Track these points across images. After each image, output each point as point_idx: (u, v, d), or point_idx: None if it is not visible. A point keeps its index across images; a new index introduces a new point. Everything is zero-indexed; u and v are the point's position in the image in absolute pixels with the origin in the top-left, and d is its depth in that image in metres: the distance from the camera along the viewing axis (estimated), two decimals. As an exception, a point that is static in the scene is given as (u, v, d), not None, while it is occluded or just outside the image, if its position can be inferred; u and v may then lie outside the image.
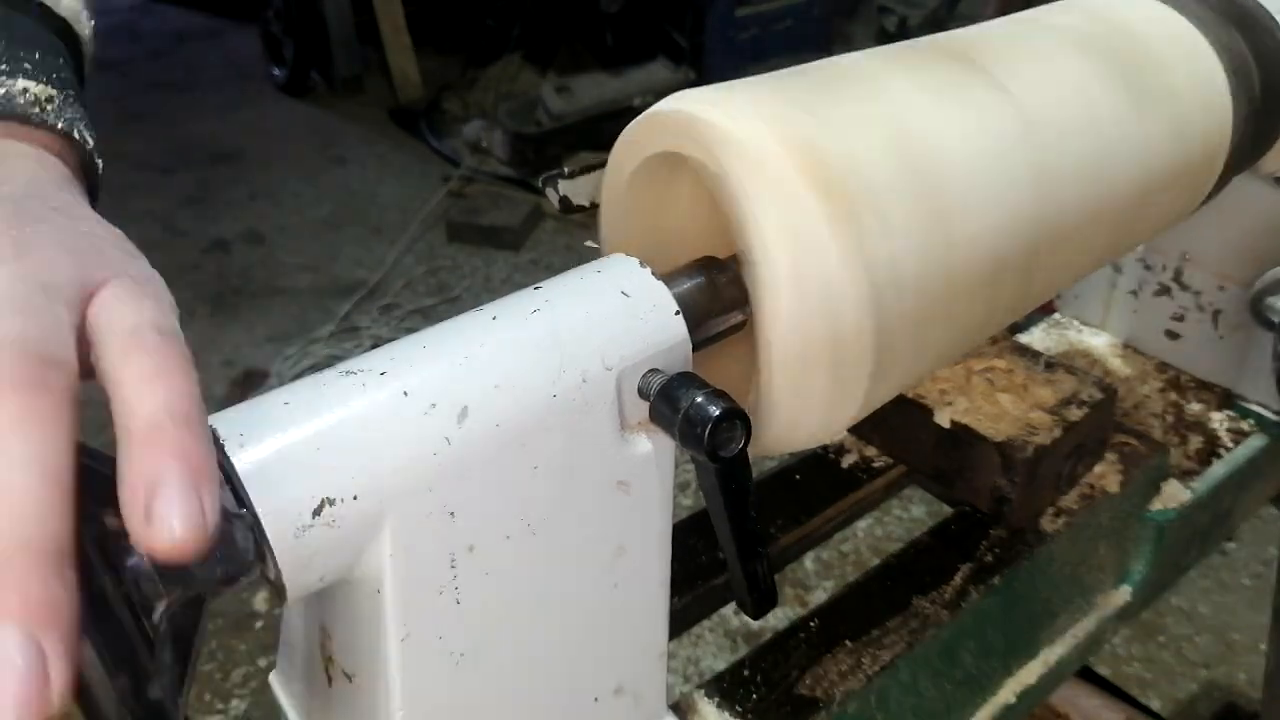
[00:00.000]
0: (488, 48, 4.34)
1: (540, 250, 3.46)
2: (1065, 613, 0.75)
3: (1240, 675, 1.89)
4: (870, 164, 0.45)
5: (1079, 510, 0.72)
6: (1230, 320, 0.88)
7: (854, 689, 0.60)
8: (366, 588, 0.39)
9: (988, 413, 0.70)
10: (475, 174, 3.82)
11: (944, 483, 0.73)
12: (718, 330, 0.47)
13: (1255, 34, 0.65)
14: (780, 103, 0.46)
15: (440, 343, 0.41)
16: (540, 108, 3.91)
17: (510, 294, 0.44)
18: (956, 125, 0.49)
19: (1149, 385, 0.92)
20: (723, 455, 0.43)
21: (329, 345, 2.95)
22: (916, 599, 0.65)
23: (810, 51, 3.95)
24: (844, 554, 2.14)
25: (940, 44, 0.55)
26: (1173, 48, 0.62)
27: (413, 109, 4.38)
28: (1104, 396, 0.72)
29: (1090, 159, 0.54)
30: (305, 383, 0.39)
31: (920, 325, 0.47)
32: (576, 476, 0.43)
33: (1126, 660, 1.92)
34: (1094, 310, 0.97)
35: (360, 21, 4.50)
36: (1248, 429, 0.88)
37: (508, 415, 0.40)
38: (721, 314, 0.47)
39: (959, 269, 0.48)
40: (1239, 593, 2.05)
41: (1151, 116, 0.58)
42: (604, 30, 4.10)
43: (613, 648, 0.49)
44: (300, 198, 3.86)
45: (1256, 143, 0.67)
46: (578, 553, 0.45)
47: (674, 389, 0.43)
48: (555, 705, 0.47)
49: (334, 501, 0.36)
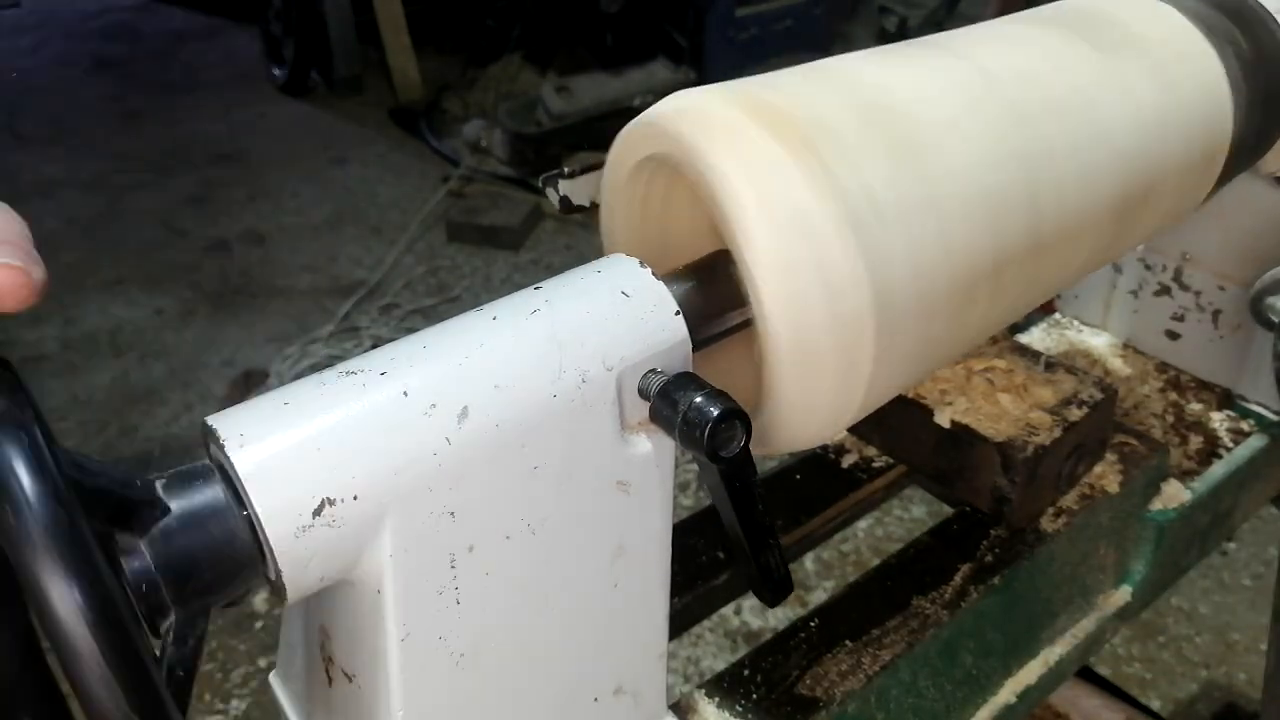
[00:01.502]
0: (488, 48, 4.34)
1: (540, 250, 3.46)
2: (1065, 613, 0.75)
3: (1240, 675, 1.89)
4: (819, 104, 0.46)
5: (1079, 510, 0.72)
6: (1230, 320, 0.88)
7: (854, 689, 0.60)
8: (366, 588, 0.39)
9: (988, 413, 0.70)
10: (475, 174, 3.82)
11: (944, 483, 0.73)
12: (718, 330, 0.47)
13: (1255, 33, 0.65)
14: (736, 84, 0.47)
15: (440, 343, 0.41)
16: (540, 108, 3.91)
17: (510, 294, 0.44)
18: (913, 77, 0.51)
19: (1149, 385, 0.92)
20: (723, 455, 0.43)
21: (329, 345, 2.95)
22: (916, 599, 0.65)
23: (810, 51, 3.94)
24: (844, 554, 2.15)
25: (926, 40, 0.56)
26: (1173, 46, 0.62)
27: (413, 109, 4.38)
28: (1104, 396, 0.72)
29: (1080, 141, 0.54)
30: (305, 383, 0.39)
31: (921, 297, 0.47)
32: (576, 477, 0.43)
33: (1126, 660, 1.92)
34: (1094, 310, 0.97)
35: (360, 21, 4.50)
36: (1248, 429, 0.88)
37: (508, 415, 0.40)
38: (721, 314, 0.47)
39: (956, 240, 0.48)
40: (1239, 593, 2.05)
41: (1149, 114, 0.58)
42: (604, 30, 4.10)
43: (613, 648, 0.49)
44: (300, 198, 3.86)
45: (1257, 142, 0.67)
46: (578, 553, 0.45)
47: (674, 389, 0.43)
48: (555, 705, 0.47)
49: (334, 501, 0.36)
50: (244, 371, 2.87)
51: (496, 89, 4.18)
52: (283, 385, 0.39)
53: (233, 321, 3.11)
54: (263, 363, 2.91)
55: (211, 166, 4.13)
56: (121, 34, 5.63)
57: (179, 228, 3.67)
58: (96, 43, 5.52)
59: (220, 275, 3.36)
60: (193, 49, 5.47)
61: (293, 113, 4.62)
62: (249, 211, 3.77)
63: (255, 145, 4.30)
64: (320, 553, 0.37)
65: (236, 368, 2.89)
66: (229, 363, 2.91)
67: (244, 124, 4.52)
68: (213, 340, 3.00)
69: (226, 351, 2.96)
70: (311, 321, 3.08)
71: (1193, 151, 0.61)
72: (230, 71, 5.10)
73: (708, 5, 4.08)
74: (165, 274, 3.35)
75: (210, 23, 5.76)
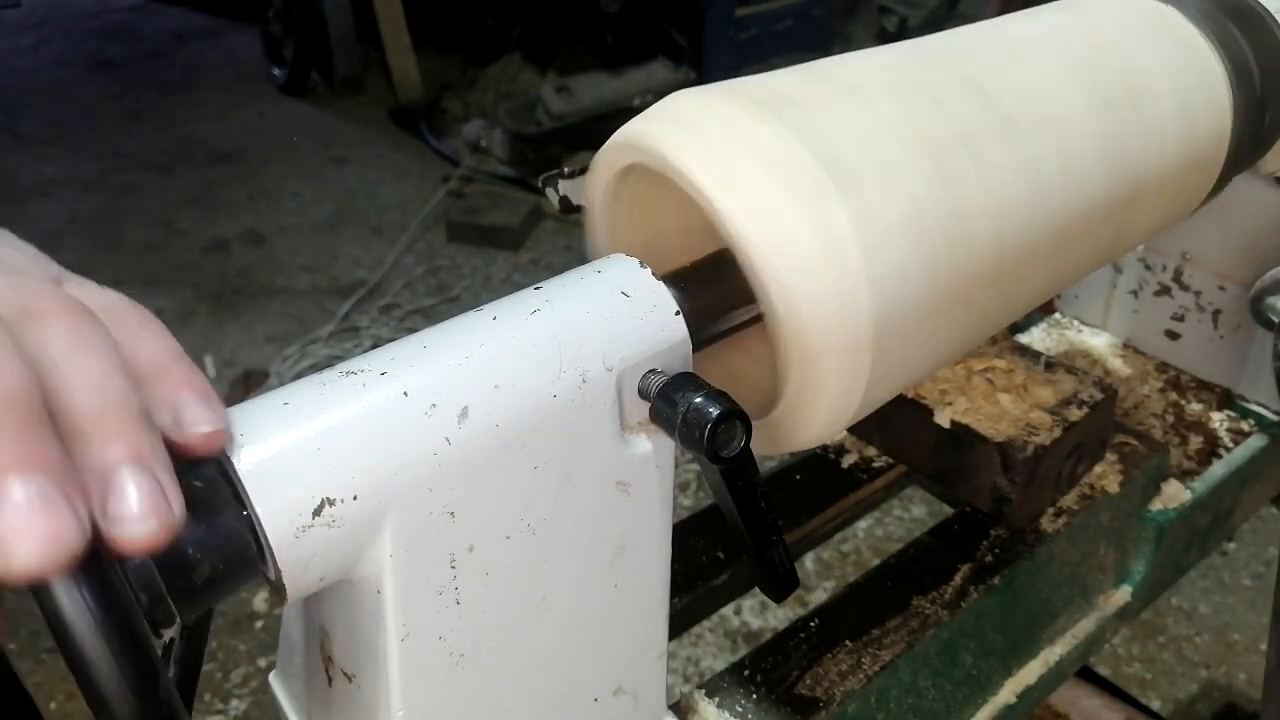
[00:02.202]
0: (488, 48, 4.34)
1: (540, 250, 3.46)
2: (1065, 613, 0.75)
3: (1240, 675, 1.89)
4: (817, 105, 0.46)
5: (1079, 510, 0.72)
6: (1230, 320, 0.88)
7: (854, 689, 0.60)
8: (366, 588, 0.39)
9: (988, 413, 0.70)
10: (475, 174, 3.82)
11: (944, 483, 0.73)
12: (718, 330, 0.47)
13: (1255, 33, 0.65)
14: (730, 84, 0.48)
15: (440, 343, 0.41)
16: (540, 108, 3.91)
17: (510, 294, 0.44)
18: (914, 77, 0.51)
19: (1149, 385, 0.92)
20: (723, 455, 0.43)
21: (329, 345, 2.95)
22: (916, 599, 0.65)
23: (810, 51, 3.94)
24: (844, 554, 2.15)
25: (924, 40, 0.56)
26: (1172, 46, 0.62)
27: (413, 109, 4.38)
28: (1104, 396, 0.72)
29: (1078, 141, 0.54)
30: (305, 383, 0.39)
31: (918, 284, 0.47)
32: (576, 477, 0.43)
33: (1126, 660, 1.92)
34: (1094, 310, 0.97)
35: (360, 21, 4.50)
36: (1248, 429, 0.88)
37: (508, 416, 0.40)
38: (722, 314, 0.47)
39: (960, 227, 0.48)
40: (1239, 593, 2.05)
41: (1149, 114, 0.58)
42: (604, 30, 4.10)
43: (613, 648, 0.49)
44: (300, 198, 3.86)
45: (1256, 143, 0.67)
46: (578, 553, 0.45)
47: (674, 389, 0.43)
48: (555, 705, 0.47)
49: (334, 501, 0.36)
50: (244, 371, 2.87)
51: (496, 89, 4.18)
52: (283, 385, 0.39)
53: (233, 321, 3.11)
54: (263, 363, 2.91)
55: (211, 166, 4.13)
56: (121, 34, 5.63)
57: (179, 227, 3.67)
58: (96, 43, 5.52)
59: (220, 275, 3.37)
60: (193, 49, 5.47)
61: (293, 113, 4.62)
62: (248, 211, 3.77)
63: (255, 145, 4.30)
64: (320, 553, 0.37)
65: (236, 368, 2.89)
66: (229, 363, 2.91)
67: (244, 124, 4.52)
68: (212, 340, 3.00)
69: (226, 351, 2.96)
70: (311, 321, 3.08)
71: (1192, 151, 0.61)
72: (230, 71, 5.10)
73: (708, 5, 4.08)
74: (165, 274, 3.35)
75: (210, 23, 5.76)
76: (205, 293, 3.24)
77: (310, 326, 3.05)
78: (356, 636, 0.42)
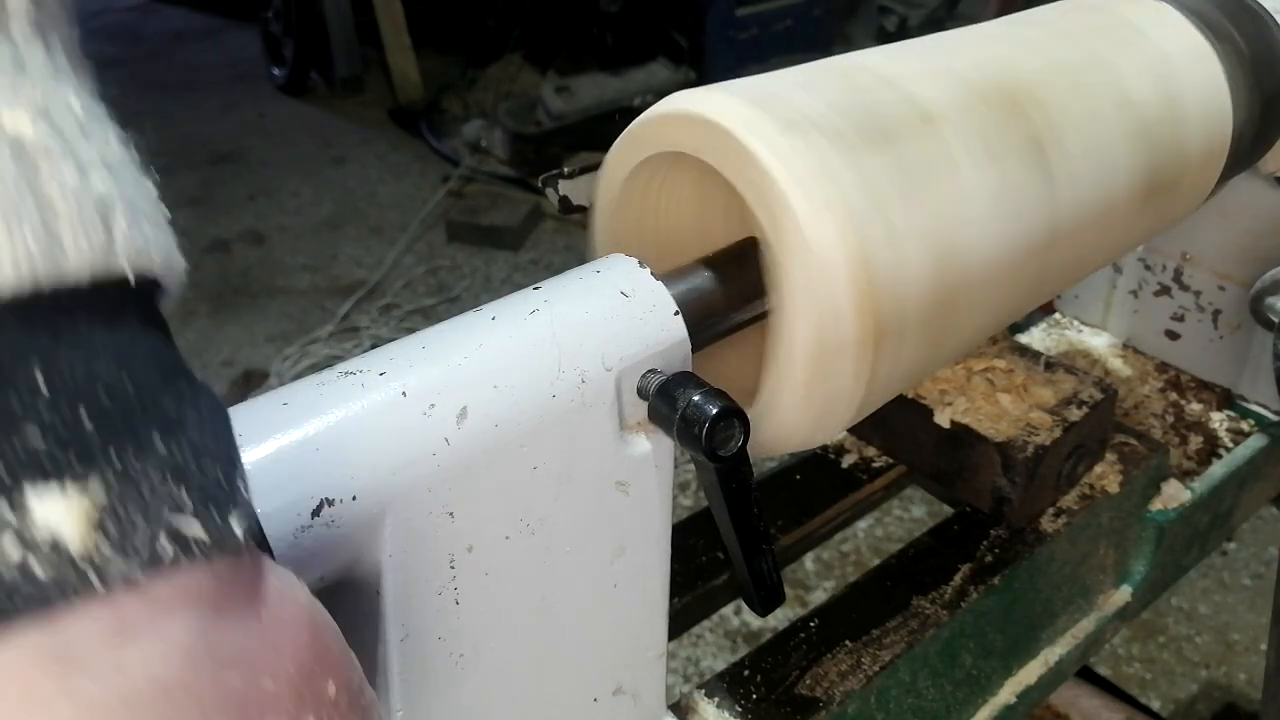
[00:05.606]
0: (488, 48, 4.34)
1: (540, 250, 3.46)
2: (1065, 613, 0.75)
3: (1240, 675, 1.89)
4: (826, 101, 0.46)
5: (1079, 510, 0.72)
6: (1230, 320, 0.88)
7: (854, 689, 0.60)
8: (366, 588, 0.39)
9: (988, 413, 0.70)
10: (475, 174, 3.82)
11: (944, 483, 0.73)
12: (717, 330, 0.47)
13: (1255, 33, 0.65)
14: (739, 83, 0.47)
15: (440, 343, 0.41)
16: (540, 108, 3.91)
17: (510, 294, 0.44)
18: (922, 76, 0.51)
19: (1149, 385, 0.92)
20: (721, 455, 0.43)
21: (329, 345, 2.95)
22: (916, 599, 0.65)
23: (810, 51, 3.94)
24: (844, 554, 2.14)
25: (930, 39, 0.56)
26: (1172, 46, 0.62)
27: (413, 109, 4.38)
28: (1104, 397, 0.72)
29: (1079, 142, 0.54)
30: (305, 383, 0.39)
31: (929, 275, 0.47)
32: (576, 477, 0.43)
33: (1126, 660, 1.92)
34: (1094, 310, 0.97)
35: (360, 21, 4.50)
36: (1248, 429, 0.88)
37: (507, 416, 0.40)
38: (721, 314, 0.47)
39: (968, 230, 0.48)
40: (1239, 593, 2.05)
41: (1149, 115, 0.58)
42: (604, 30, 4.10)
43: (612, 648, 0.49)
44: (300, 198, 3.86)
45: (1256, 142, 0.67)
46: (577, 553, 0.45)
47: (672, 389, 0.43)
48: (555, 705, 0.47)
49: (334, 502, 0.36)
50: (244, 371, 2.87)
51: (496, 89, 4.18)
52: (283, 385, 0.39)
53: (233, 321, 3.11)
54: (263, 363, 2.91)
55: (211, 166, 4.13)
56: (121, 34, 5.63)
57: (179, 228, 3.64)
58: (96, 43, 5.52)
59: (220, 275, 3.36)
60: (192, 49, 5.46)
61: (293, 113, 4.62)
62: (249, 211, 3.77)
63: (255, 145, 4.30)
64: (320, 553, 0.37)
65: (236, 368, 2.89)
66: (229, 363, 2.91)
67: (244, 124, 4.52)
68: (212, 340, 3.00)
69: (226, 351, 2.96)
70: (311, 321, 3.08)
71: (1192, 151, 0.61)
72: (230, 71, 5.10)
73: (708, 5, 4.08)
74: (165, 274, 3.34)
75: (210, 23, 5.76)
76: (205, 292, 3.24)
77: (310, 326, 3.05)
78: (356, 636, 0.42)
